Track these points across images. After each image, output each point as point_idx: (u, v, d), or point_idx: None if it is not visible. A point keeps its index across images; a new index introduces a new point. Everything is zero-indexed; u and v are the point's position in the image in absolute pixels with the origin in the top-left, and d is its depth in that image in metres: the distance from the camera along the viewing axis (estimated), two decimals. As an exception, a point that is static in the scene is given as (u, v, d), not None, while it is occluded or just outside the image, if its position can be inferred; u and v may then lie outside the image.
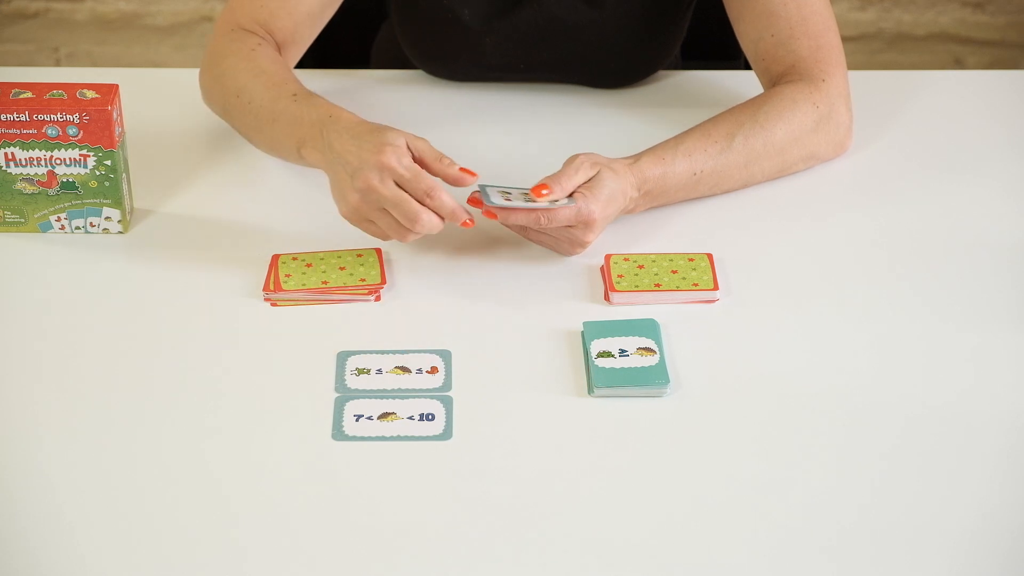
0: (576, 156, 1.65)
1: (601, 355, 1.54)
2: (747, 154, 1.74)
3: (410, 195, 1.58)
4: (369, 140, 1.60)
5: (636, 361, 1.53)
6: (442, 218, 1.59)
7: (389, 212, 1.59)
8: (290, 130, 1.69)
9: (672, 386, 1.51)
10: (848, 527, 1.37)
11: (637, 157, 1.70)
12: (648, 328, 1.57)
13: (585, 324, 1.58)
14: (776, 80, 1.81)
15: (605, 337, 1.56)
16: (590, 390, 1.51)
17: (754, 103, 1.77)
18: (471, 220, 1.60)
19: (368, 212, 1.60)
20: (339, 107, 1.68)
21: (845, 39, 1.82)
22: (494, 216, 1.62)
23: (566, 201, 1.61)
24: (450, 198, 1.59)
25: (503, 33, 1.88)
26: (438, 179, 1.60)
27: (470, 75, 1.95)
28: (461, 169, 1.62)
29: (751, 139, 1.74)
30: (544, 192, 1.61)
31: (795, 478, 1.42)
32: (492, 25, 1.88)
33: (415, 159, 1.61)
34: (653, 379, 1.51)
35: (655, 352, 1.54)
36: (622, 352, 1.54)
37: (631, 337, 1.56)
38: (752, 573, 1.33)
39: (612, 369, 1.52)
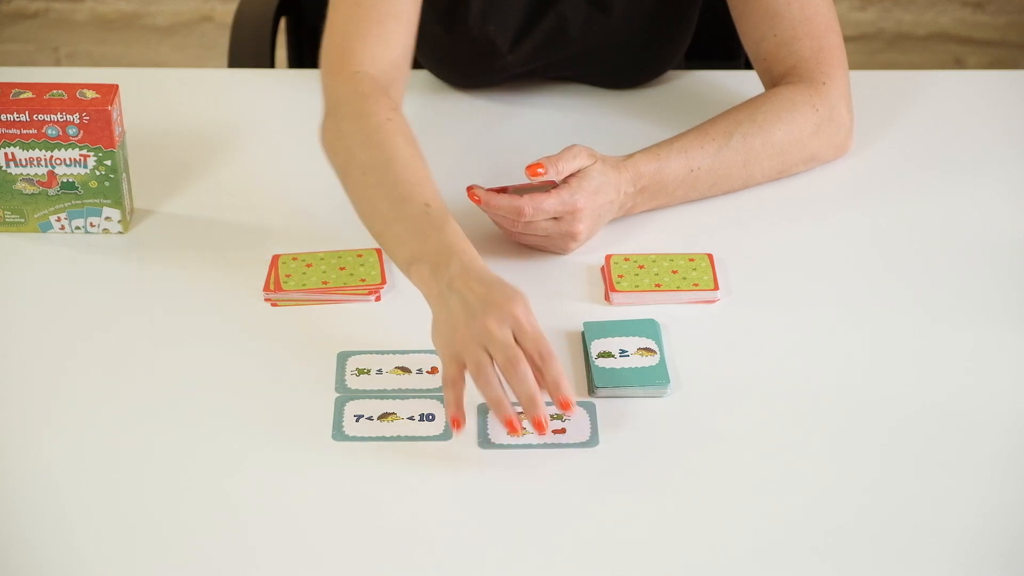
0: (575, 145, 1.65)
1: (601, 355, 1.54)
2: (745, 153, 1.74)
3: (525, 351, 1.43)
4: (501, 289, 1.47)
5: (636, 361, 1.53)
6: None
7: (493, 362, 1.43)
8: (409, 240, 1.54)
9: (672, 386, 1.51)
10: (848, 527, 1.37)
11: (631, 154, 1.70)
12: (648, 328, 1.57)
13: (585, 324, 1.58)
14: (777, 80, 1.80)
15: (605, 337, 1.56)
16: (590, 390, 1.51)
17: (753, 103, 1.77)
18: (545, 428, 1.43)
19: (470, 352, 1.43)
20: (467, 240, 1.54)
21: (845, 39, 1.82)
22: (479, 201, 1.62)
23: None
24: (563, 376, 1.43)
25: (526, 45, 1.89)
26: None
27: (488, 83, 1.95)
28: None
29: (749, 138, 1.74)
30: (539, 171, 1.61)
31: (795, 478, 1.42)
32: (517, 40, 1.88)
33: None
34: (653, 379, 1.51)
35: (655, 352, 1.54)
36: (622, 352, 1.54)
37: (631, 337, 1.56)
38: (752, 573, 1.33)
39: (612, 369, 1.52)
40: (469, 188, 1.64)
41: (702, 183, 1.73)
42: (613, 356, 1.54)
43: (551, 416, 1.45)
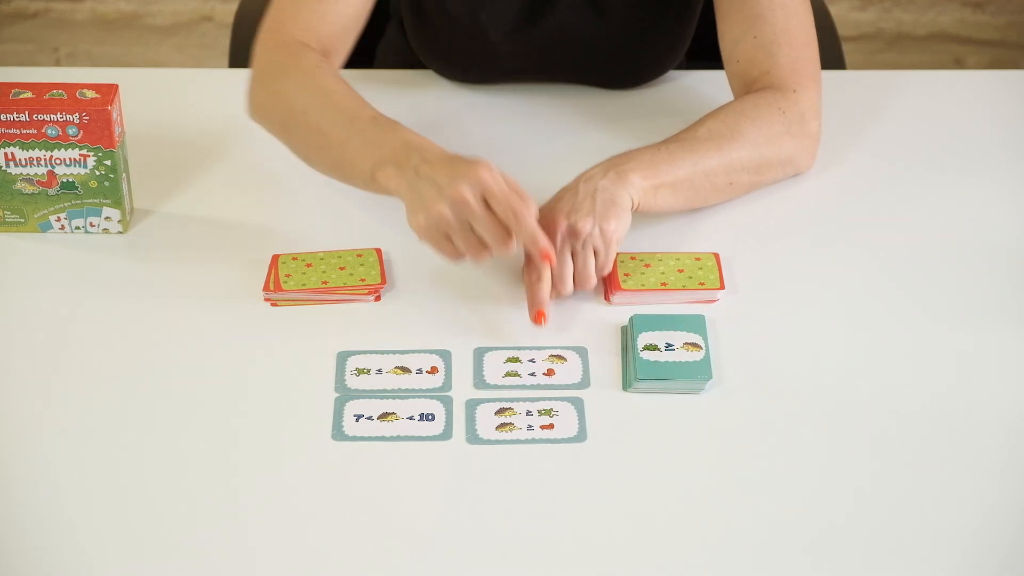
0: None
1: (647, 348, 1.54)
2: (718, 142, 1.70)
3: (498, 215, 1.53)
4: (464, 161, 1.55)
5: (681, 355, 1.53)
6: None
7: (473, 228, 1.54)
8: (367, 151, 1.62)
9: (694, 384, 1.50)
10: (849, 527, 1.37)
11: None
12: (696, 323, 1.56)
13: (634, 317, 1.57)
14: (751, 85, 1.77)
15: (653, 330, 1.55)
16: (627, 384, 1.51)
17: (720, 110, 1.74)
18: (550, 256, 1.54)
19: (451, 226, 1.53)
20: (421, 136, 1.62)
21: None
22: (542, 320, 1.57)
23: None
24: (537, 230, 1.53)
25: (519, 43, 1.89)
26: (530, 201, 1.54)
27: (484, 78, 1.96)
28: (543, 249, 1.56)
29: (717, 133, 1.71)
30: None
31: (791, 476, 1.42)
32: (509, 35, 1.88)
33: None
34: (696, 373, 1.50)
35: (701, 348, 1.54)
36: (668, 346, 1.54)
37: (679, 332, 1.55)
38: (753, 572, 1.33)
39: (657, 362, 1.52)
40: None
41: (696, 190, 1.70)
42: (659, 349, 1.54)
43: (539, 411, 1.48)
